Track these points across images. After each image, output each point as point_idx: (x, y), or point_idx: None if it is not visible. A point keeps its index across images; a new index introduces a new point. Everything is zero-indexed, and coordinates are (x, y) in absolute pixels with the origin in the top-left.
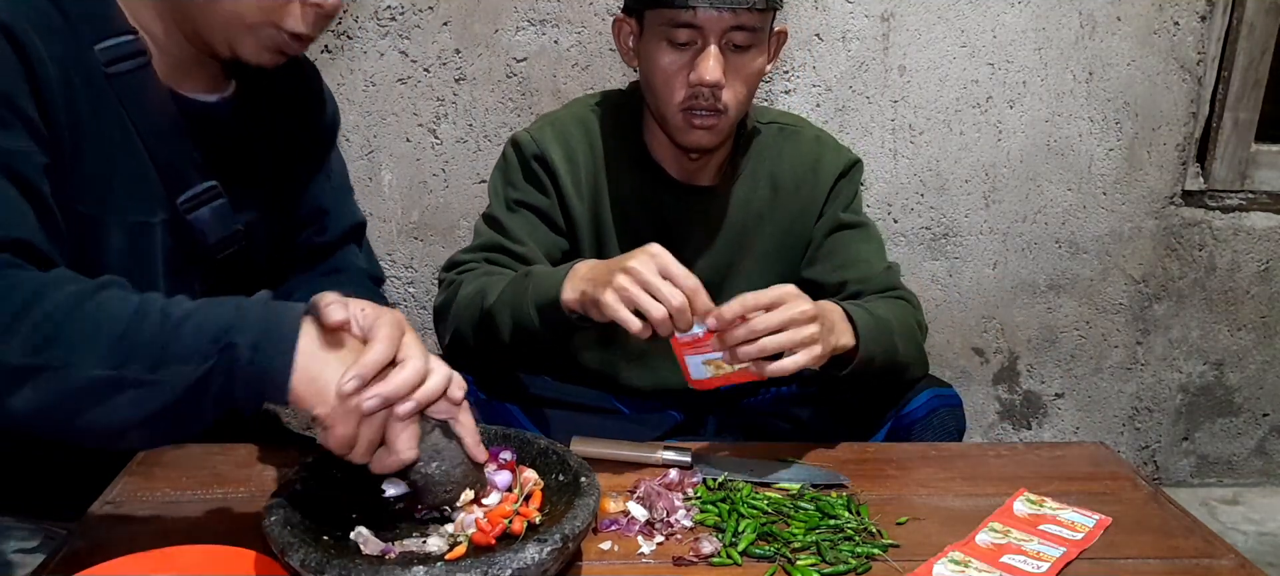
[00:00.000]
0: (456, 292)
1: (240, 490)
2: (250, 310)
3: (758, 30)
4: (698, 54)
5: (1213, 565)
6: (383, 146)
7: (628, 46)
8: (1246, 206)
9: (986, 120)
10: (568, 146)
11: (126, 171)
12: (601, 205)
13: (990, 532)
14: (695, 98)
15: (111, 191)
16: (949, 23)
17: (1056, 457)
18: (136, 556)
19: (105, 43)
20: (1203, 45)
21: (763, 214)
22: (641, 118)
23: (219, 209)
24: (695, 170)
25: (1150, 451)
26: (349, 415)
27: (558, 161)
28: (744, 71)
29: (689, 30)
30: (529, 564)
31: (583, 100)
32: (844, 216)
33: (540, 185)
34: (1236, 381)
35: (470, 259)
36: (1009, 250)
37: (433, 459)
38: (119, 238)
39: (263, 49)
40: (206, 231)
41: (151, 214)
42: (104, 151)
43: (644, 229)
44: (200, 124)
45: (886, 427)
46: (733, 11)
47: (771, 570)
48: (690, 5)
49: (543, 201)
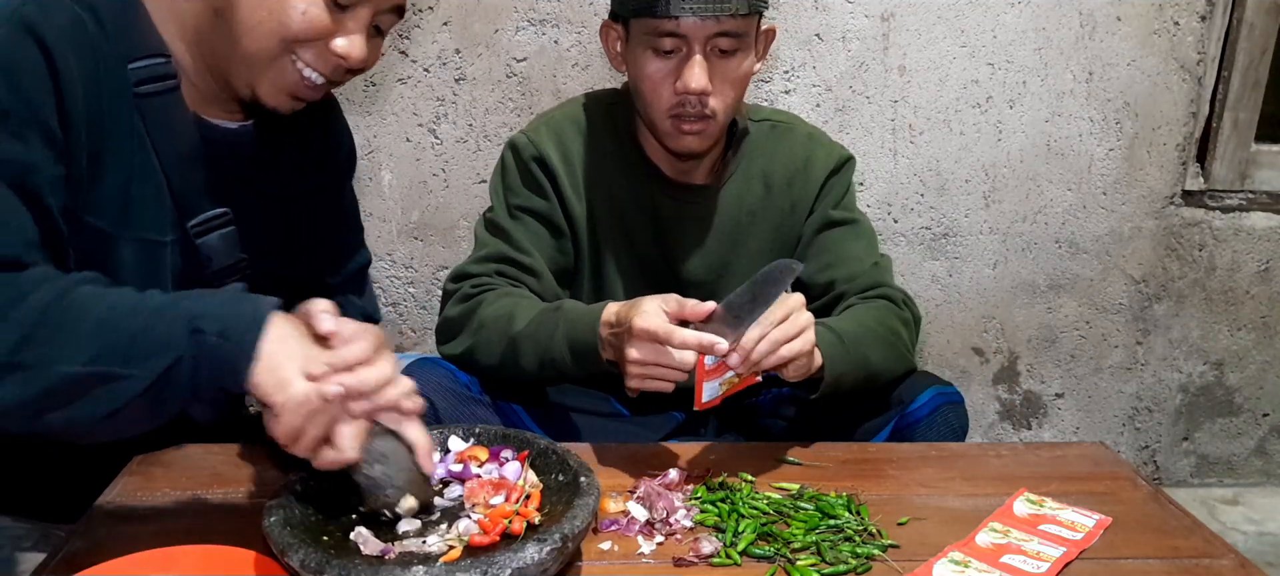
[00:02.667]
0: (475, 310)
1: (240, 490)
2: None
3: (742, 35)
4: (683, 62)
5: (1213, 565)
6: (383, 146)
7: (615, 51)
8: (1246, 206)
9: (986, 120)
10: (564, 146)
11: (143, 190)
12: (598, 204)
13: (990, 532)
14: (683, 105)
15: (126, 208)
16: (949, 23)
17: (1056, 457)
18: (136, 556)
19: (138, 62)
20: (1203, 45)
21: (755, 211)
22: (635, 117)
23: (227, 236)
24: (689, 169)
25: (1150, 451)
26: (298, 410)
27: (556, 162)
28: (731, 76)
29: (673, 38)
30: (529, 564)
31: (577, 100)
32: (834, 213)
33: (540, 189)
34: (1236, 381)
35: (481, 271)
36: (1009, 250)
37: (377, 461)
38: (130, 254)
39: (280, 92)
40: (213, 257)
41: (163, 233)
42: (123, 168)
43: (639, 227)
44: (219, 150)
45: (890, 427)
46: (716, 19)
47: (771, 570)
48: (672, 15)
49: (543, 205)
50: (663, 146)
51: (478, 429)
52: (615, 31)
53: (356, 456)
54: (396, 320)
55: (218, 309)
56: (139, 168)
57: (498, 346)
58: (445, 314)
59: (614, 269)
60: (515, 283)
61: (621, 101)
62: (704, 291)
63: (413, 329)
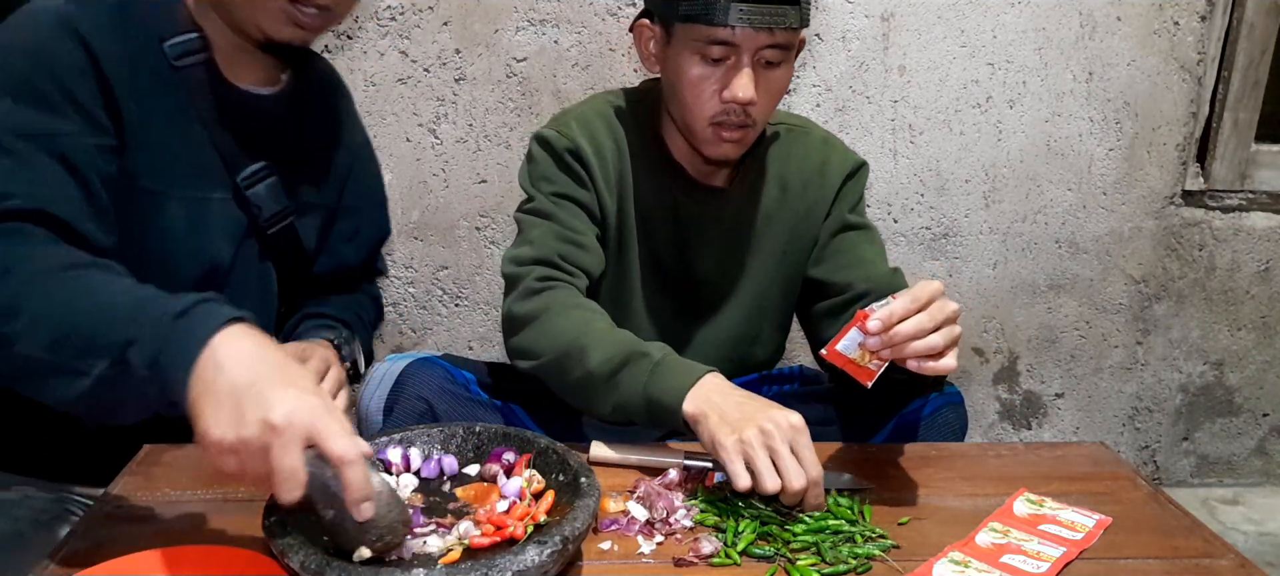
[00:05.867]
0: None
1: (240, 490)
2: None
3: (789, 47)
4: (731, 70)
5: (1213, 565)
6: (383, 146)
7: (649, 50)
8: (1246, 206)
9: (986, 120)
10: (596, 141)
11: (188, 153)
12: (626, 201)
13: (990, 532)
14: (726, 113)
15: (174, 169)
16: (949, 23)
17: (1056, 457)
18: (136, 556)
19: (172, 40)
20: (1203, 45)
21: (771, 214)
22: (659, 117)
23: (272, 186)
24: (711, 171)
25: (1150, 451)
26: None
27: (589, 155)
28: (773, 86)
29: (723, 47)
30: (529, 565)
31: (601, 96)
32: (850, 217)
33: (578, 178)
34: (1236, 381)
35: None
36: (1009, 250)
37: (329, 505)
38: (179, 210)
39: (279, 22)
40: (263, 206)
41: (211, 190)
42: (167, 135)
43: (660, 227)
44: (254, 113)
45: (890, 426)
46: (769, 31)
47: (771, 570)
48: (728, 23)
49: (584, 194)
50: (695, 150)
51: (478, 428)
52: (652, 31)
53: (295, 497)
54: (397, 320)
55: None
56: (182, 132)
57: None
58: (511, 307)
59: (633, 266)
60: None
61: (644, 100)
62: (718, 292)
63: (413, 329)
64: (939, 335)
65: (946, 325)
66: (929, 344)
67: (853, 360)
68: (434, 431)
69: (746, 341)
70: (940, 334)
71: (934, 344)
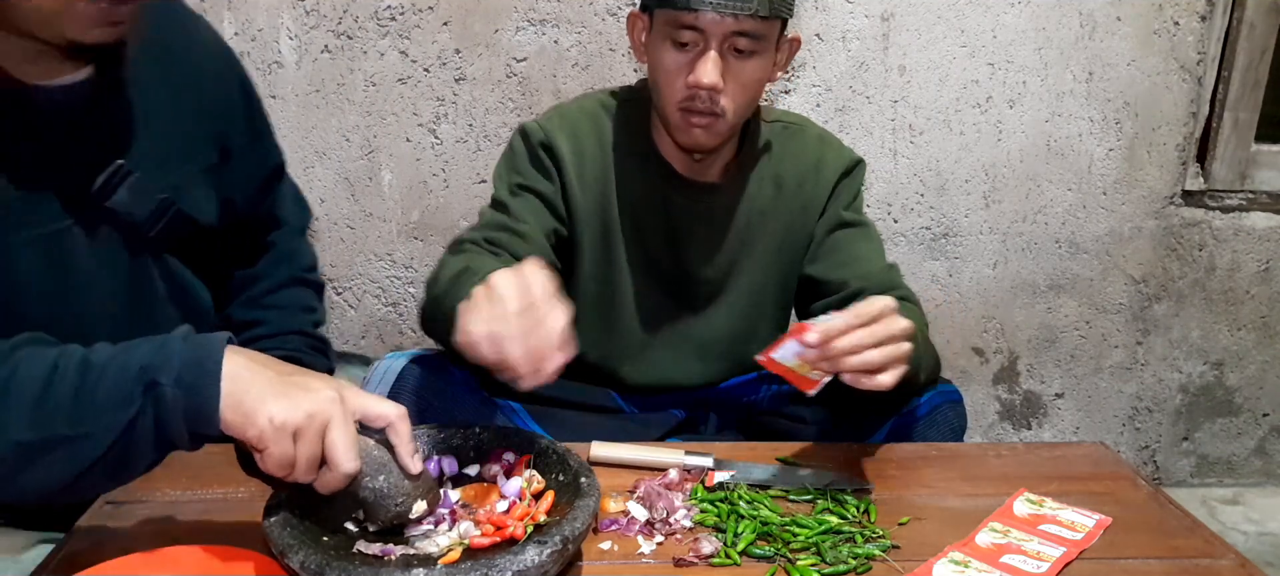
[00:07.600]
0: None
1: (240, 490)
2: (171, 346)
3: (761, 38)
4: (698, 56)
5: (1213, 565)
6: (383, 146)
7: (640, 42)
8: (1246, 206)
9: (986, 120)
10: (576, 138)
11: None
12: (608, 200)
13: (990, 532)
14: (693, 98)
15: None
16: (949, 23)
17: (1056, 457)
18: (136, 556)
19: None
20: (1203, 45)
21: (766, 211)
22: (650, 114)
23: (134, 184)
24: (701, 167)
25: (1150, 451)
26: (279, 435)
27: (565, 152)
28: (744, 77)
29: (692, 32)
30: (529, 565)
31: (594, 95)
32: (846, 215)
33: (545, 171)
34: (1236, 381)
35: (472, 238)
36: (1009, 250)
37: (379, 471)
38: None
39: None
40: (132, 210)
41: (61, 219)
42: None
43: (650, 224)
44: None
45: (888, 426)
46: (735, 17)
47: (772, 570)
48: (692, 8)
49: (546, 187)
50: (673, 140)
51: (478, 428)
52: (642, 22)
53: (356, 467)
54: (396, 320)
55: (168, 357)
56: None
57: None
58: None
59: (623, 265)
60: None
61: (637, 98)
62: (712, 290)
63: (412, 329)
64: (877, 352)
65: (890, 343)
66: (865, 360)
67: (792, 369)
68: (434, 431)
69: (743, 339)
70: (879, 351)
71: (870, 360)
